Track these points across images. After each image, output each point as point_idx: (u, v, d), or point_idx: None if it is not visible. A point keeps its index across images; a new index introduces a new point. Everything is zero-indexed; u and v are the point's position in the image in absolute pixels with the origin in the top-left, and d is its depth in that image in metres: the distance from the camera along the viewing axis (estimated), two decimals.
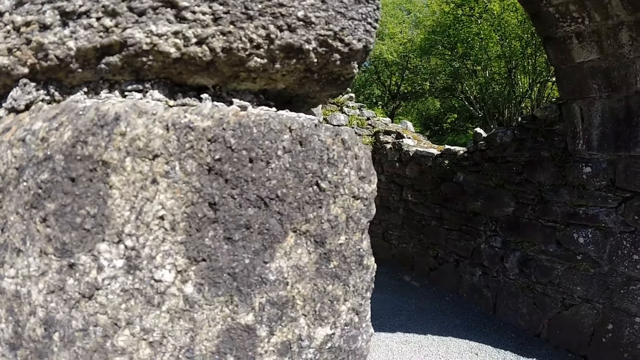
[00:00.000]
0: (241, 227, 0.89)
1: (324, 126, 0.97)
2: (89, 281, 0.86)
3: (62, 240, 0.86)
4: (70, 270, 0.86)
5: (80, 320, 0.86)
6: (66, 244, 0.86)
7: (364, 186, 1.00)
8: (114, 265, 0.86)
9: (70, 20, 0.94)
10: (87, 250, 0.86)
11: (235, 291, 0.89)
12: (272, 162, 0.90)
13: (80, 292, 0.86)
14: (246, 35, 0.94)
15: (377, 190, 1.07)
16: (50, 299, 0.87)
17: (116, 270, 0.86)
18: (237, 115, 0.91)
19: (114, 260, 0.86)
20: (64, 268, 0.87)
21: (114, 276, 0.86)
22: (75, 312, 0.86)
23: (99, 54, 0.95)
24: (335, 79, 1.07)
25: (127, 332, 0.86)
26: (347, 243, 0.98)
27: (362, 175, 1.00)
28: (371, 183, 1.02)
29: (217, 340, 0.88)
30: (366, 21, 1.03)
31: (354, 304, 1.00)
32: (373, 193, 1.03)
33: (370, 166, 1.02)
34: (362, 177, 1.00)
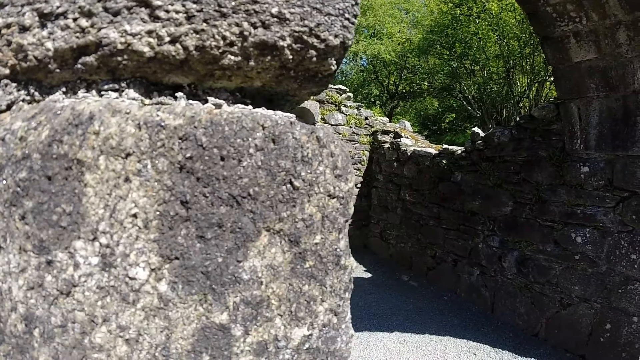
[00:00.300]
0: (213, 225, 0.89)
1: (300, 124, 0.96)
2: (66, 278, 0.87)
3: (40, 237, 0.88)
4: (48, 267, 0.88)
5: (59, 317, 0.87)
6: (44, 241, 0.88)
7: (340, 185, 0.99)
8: (90, 263, 0.87)
9: (48, 22, 0.95)
10: (63, 248, 0.87)
11: (209, 290, 0.89)
12: (244, 160, 0.90)
13: (58, 289, 0.87)
14: (219, 33, 0.93)
15: (377, 190, 1.06)
16: (30, 295, 0.88)
17: (92, 268, 0.87)
18: (211, 113, 0.91)
19: (90, 257, 0.87)
20: (42, 265, 0.88)
21: (89, 273, 0.87)
22: (54, 309, 0.87)
23: (76, 55, 0.96)
24: (313, 76, 1.06)
25: (104, 329, 0.87)
26: (323, 243, 0.97)
27: (339, 173, 0.99)
28: (348, 181, 1.01)
29: (193, 339, 0.88)
30: (344, 17, 1.02)
31: (331, 304, 1.00)
32: (350, 192, 1.02)
33: (348, 164, 1.01)
34: (338, 176, 0.99)
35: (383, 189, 9.95)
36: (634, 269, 4.63)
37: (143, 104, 0.95)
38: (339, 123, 10.25)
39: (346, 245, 1.03)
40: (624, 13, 4.29)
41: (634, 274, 4.62)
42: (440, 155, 7.81)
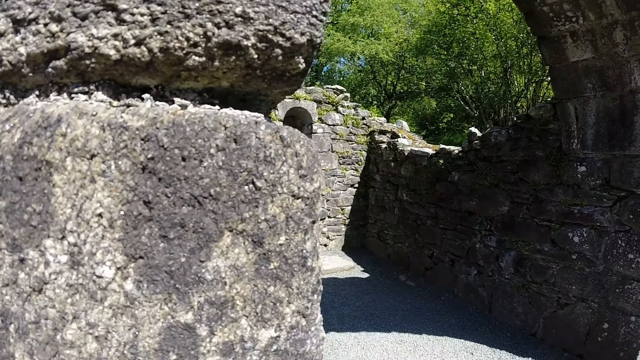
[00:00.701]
0: (176, 225, 0.89)
1: (266, 124, 0.96)
2: (38, 275, 0.89)
3: (13, 235, 0.91)
4: (21, 265, 0.90)
5: (33, 313, 0.89)
6: (16, 239, 0.90)
7: (305, 185, 0.99)
8: (59, 261, 0.89)
9: (21, 27, 0.97)
10: (34, 246, 0.90)
11: (173, 289, 0.89)
12: (205, 160, 0.90)
13: (31, 286, 0.90)
14: (183, 34, 0.94)
15: (374, 190, 1.05)
16: (5, 292, 0.91)
17: (61, 266, 0.89)
18: (175, 114, 0.92)
19: (59, 255, 0.89)
20: (15, 262, 0.90)
21: (59, 271, 0.89)
22: (28, 305, 0.90)
23: (47, 59, 0.98)
24: (281, 75, 1.06)
25: (75, 326, 0.88)
26: (287, 244, 0.97)
27: (303, 173, 0.98)
28: (313, 182, 1.00)
29: (159, 338, 0.89)
30: (311, 14, 1.02)
31: (299, 306, 0.99)
32: (316, 192, 1.01)
33: (314, 164, 1.00)
34: (303, 176, 0.98)
35: (380, 189, 9.95)
36: (631, 268, 4.62)
37: (111, 105, 0.97)
38: (336, 123, 10.25)
39: (313, 247, 1.02)
40: (620, 12, 4.29)
41: (632, 274, 4.62)
42: (438, 155, 7.81)
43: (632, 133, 4.60)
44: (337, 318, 6.07)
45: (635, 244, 4.62)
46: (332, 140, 10.24)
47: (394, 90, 28.24)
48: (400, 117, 27.87)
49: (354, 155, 10.47)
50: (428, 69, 23.13)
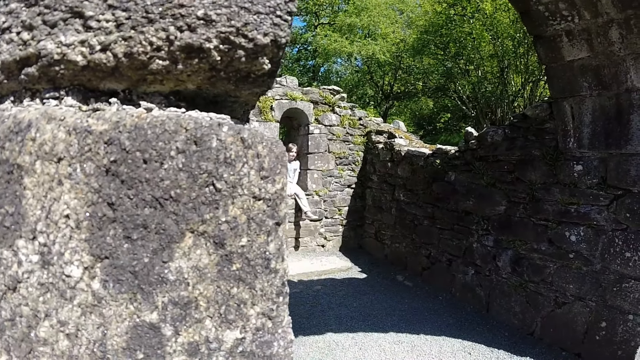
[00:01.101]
0: (139, 226, 0.91)
1: (229, 125, 0.97)
2: (12, 274, 0.93)
3: None
4: None
5: (8, 311, 0.93)
6: None
7: (267, 186, 1.00)
8: (31, 260, 0.93)
9: None
10: (8, 246, 0.94)
11: (138, 289, 0.91)
12: (166, 162, 0.92)
13: (6, 285, 0.93)
14: (146, 39, 0.96)
15: (371, 190, 1.06)
16: None
17: (33, 265, 0.92)
18: (139, 117, 0.94)
19: (30, 255, 0.93)
20: None
21: (31, 270, 0.92)
22: (4, 303, 0.93)
23: (20, 66, 1.02)
24: (246, 77, 1.07)
25: (47, 324, 0.91)
26: (250, 245, 0.98)
27: (265, 174, 0.99)
28: (275, 183, 1.01)
29: (127, 337, 0.91)
30: (275, 14, 1.03)
31: (263, 308, 1.01)
32: (278, 194, 1.02)
33: (277, 165, 1.01)
34: (265, 177, 0.99)
35: (377, 189, 9.95)
36: (628, 266, 4.62)
37: (80, 110, 1.00)
38: (333, 124, 10.26)
39: (277, 249, 1.02)
40: (616, 11, 4.29)
41: (629, 272, 4.61)
42: (434, 155, 7.81)
43: (629, 131, 4.60)
44: (335, 319, 6.06)
45: (632, 243, 4.62)
46: (329, 140, 10.25)
47: (391, 90, 28.29)
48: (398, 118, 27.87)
49: (350, 155, 10.48)
50: (425, 69, 23.18)
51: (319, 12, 31.27)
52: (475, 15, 18.47)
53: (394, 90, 28.26)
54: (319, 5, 30.22)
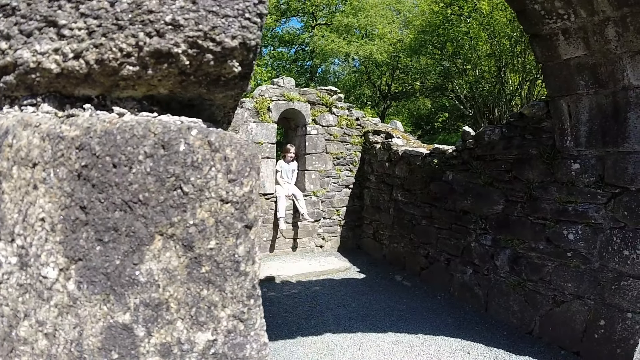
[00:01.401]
0: (110, 229, 0.94)
1: (198, 129, 0.99)
2: None
3: None
4: None
5: None
6: None
7: (234, 189, 1.00)
8: (10, 262, 0.96)
9: None
10: None
11: (110, 290, 0.93)
12: (134, 166, 0.94)
13: None
14: (116, 45, 0.98)
15: (369, 190, 1.06)
16: None
17: (12, 266, 0.95)
18: (110, 122, 0.97)
19: (9, 257, 0.96)
20: None
21: (11, 271, 0.95)
22: None
23: None
24: (216, 80, 1.08)
25: (27, 324, 0.94)
26: (218, 248, 0.99)
27: (232, 177, 1.00)
28: (243, 186, 1.02)
29: (101, 337, 0.93)
30: (243, 17, 1.03)
31: (234, 311, 1.01)
32: (246, 196, 1.02)
33: (245, 168, 1.02)
34: (232, 180, 1.00)
35: (375, 190, 9.95)
36: (626, 265, 4.62)
37: (56, 116, 1.03)
38: (330, 124, 10.26)
39: (247, 252, 1.03)
40: (612, 9, 4.29)
41: (627, 270, 4.61)
42: (432, 155, 7.80)
43: (626, 129, 4.60)
44: (333, 319, 6.05)
45: (630, 241, 4.62)
46: (327, 141, 10.24)
47: (388, 90, 28.30)
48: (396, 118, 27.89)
49: (348, 156, 10.47)
50: (422, 69, 23.19)
51: (316, 13, 31.28)
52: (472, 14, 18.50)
53: (392, 90, 28.28)
54: (316, 5, 30.22)
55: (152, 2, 0.97)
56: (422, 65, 23.04)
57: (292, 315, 6.23)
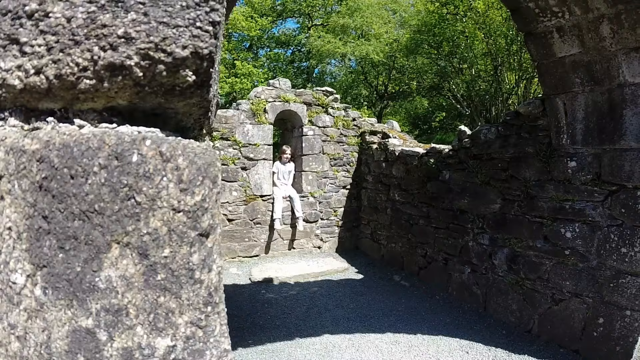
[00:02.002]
0: (70, 237, 0.97)
1: (152, 139, 1.01)
2: None
3: None
4: None
5: None
6: None
7: (186, 198, 1.02)
8: None
9: None
10: None
11: (73, 296, 0.97)
12: (90, 178, 0.98)
13: None
14: (73, 60, 1.01)
15: (366, 191, 1.07)
16: None
17: None
18: (69, 135, 1.01)
19: None
20: None
21: None
22: None
23: None
24: (171, 90, 1.09)
25: (0, 327, 0.98)
26: (172, 256, 1.01)
27: (184, 187, 1.02)
28: (195, 195, 1.04)
29: (67, 340, 0.96)
30: (194, 26, 1.05)
31: (192, 317, 1.03)
32: (199, 205, 1.04)
33: (197, 177, 1.04)
34: (184, 190, 1.02)
35: (372, 190, 9.94)
36: (624, 262, 4.61)
37: (22, 130, 1.08)
38: (327, 125, 10.25)
39: (202, 260, 1.05)
40: (606, 6, 4.28)
41: (625, 268, 4.60)
42: (428, 155, 7.79)
43: (622, 127, 4.60)
44: (331, 320, 6.04)
45: (628, 238, 4.61)
46: (323, 142, 10.23)
47: (385, 90, 28.30)
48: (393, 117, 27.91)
49: (345, 156, 10.46)
50: (419, 69, 23.21)
51: (312, 14, 31.29)
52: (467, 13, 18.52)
53: (389, 90, 28.27)
54: (312, 6, 30.22)
55: (105, 16, 0.99)
56: (418, 64, 23.06)
57: (290, 316, 6.21)
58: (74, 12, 0.99)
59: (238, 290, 7.43)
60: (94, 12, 0.99)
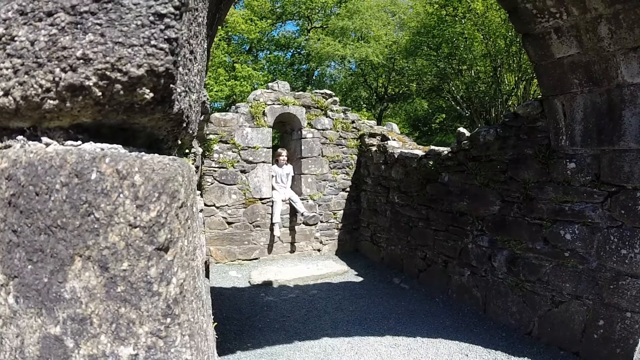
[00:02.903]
0: (37, 250, 1.03)
1: (111, 157, 1.06)
2: None
3: None
4: None
5: None
6: None
7: (142, 214, 1.06)
8: None
9: None
10: None
11: (42, 305, 1.02)
12: (52, 195, 1.03)
13: None
14: (37, 82, 1.06)
15: (366, 193, 1.07)
16: None
17: None
18: (36, 153, 1.07)
19: None
20: None
21: None
22: None
23: None
24: (130, 107, 1.12)
25: None
26: (131, 269, 1.05)
27: (139, 203, 1.06)
28: (150, 211, 1.07)
29: (39, 346, 1.01)
30: (149, 44, 1.07)
31: (152, 328, 1.06)
32: (154, 221, 1.07)
33: (153, 194, 1.07)
34: (140, 206, 1.06)
35: (372, 192, 9.92)
36: (624, 264, 4.59)
37: None
38: (326, 127, 10.24)
39: (159, 273, 1.08)
40: (604, 6, 4.26)
41: (625, 269, 4.58)
42: (427, 157, 7.77)
43: (621, 127, 4.57)
44: (331, 323, 6.01)
45: (628, 239, 4.59)
46: (322, 144, 10.23)
47: (385, 92, 28.33)
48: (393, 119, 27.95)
49: (344, 159, 10.45)
50: (418, 70, 23.21)
51: (312, 16, 31.29)
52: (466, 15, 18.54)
53: (389, 92, 28.30)
54: (311, 9, 30.23)
55: (66, 38, 1.03)
56: (418, 66, 23.05)
57: (289, 319, 6.19)
58: (37, 36, 1.03)
59: (237, 293, 7.40)
60: (55, 34, 1.03)
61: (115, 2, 1.04)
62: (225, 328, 5.75)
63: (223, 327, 5.69)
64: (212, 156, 9.14)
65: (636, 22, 4.14)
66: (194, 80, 1.38)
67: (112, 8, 1.04)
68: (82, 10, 1.03)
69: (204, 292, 1.54)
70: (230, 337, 5.51)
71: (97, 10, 1.03)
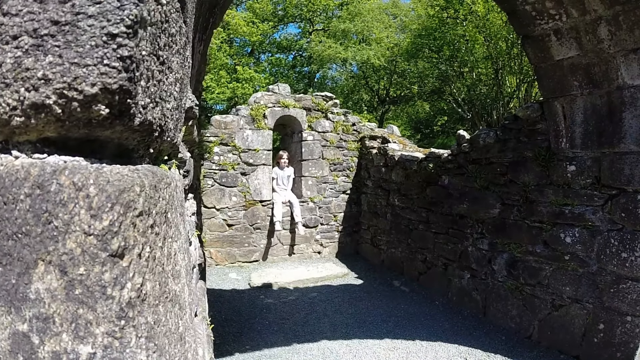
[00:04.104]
0: (6, 254, 1.12)
1: (69, 169, 1.14)
2: None
3: None
4: None
5: None
6: None
7: (95, 223, 1.13)
8: None
9: None
10: None
11: (11, 304, 1.10)
12: (18, 204, 1.12)
13: None
14: (5, 101, 1.13)
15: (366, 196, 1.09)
16: None
17: None
18: (5, 166, 1.15)
19: None
20: None
21: None
22: None
23: None
24: (88, 123, 1.20)
25: None
26: (87, 274, 1.12)
27: (93, 213, 1.13)
28: (103, 220, 1.15)
29: (10, 341, 1.10)
30: (102, 63, 1.14)
31: (108, 329, 1.13)
32: (107, 229, 1.15)
33: (106, 204, 1.16)
34: (94, 216, 1.13)
35: (372, 195, 9.91)
36: (625, 267, 4.56)
37: None
38: (326, 130, 10.23)
39: (113, 278, 1.15)
40: (604, 8, 4.25)
41: (626, 273, 4.55)
42: (427, 159, 7.75)
43: (621, 130, 4.55)
44: (330, 326, 6.00)
45: (628, 243, 4.56)
46: (323, 147, 10.22)
47: (386, 95, 28.33)
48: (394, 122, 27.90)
49: (345, 161, 10.44)
50: (420, 73, 23.20)
51: (313, 19, 31.33)
52: (467, 17, 18.52)
53: (390, 94, 28.29)
54: (312, 12, 30.26)
55: (29, 59, 1.10)
56: (419, 69, 23.04)
57: (288, 322, 6.17)
58: (4, 58, 1.11)
59: (237, 295, 7.39)
60: (20, 56, 1.10)
61: (72, 24, 1.10)
62: (224, 330, 5.74)
63: (222, 329, 5.68)
64: (212, 158, 9.14)
65: (636, 24, 4.12)
66: (168, 90, 1.46)
67: (69, 30, 1.11)
68: (43, 33, 1.10)
69: (186, 295, 1.58)
70: (229, 339, 5.50)
71: (56, 32, 1.10)
